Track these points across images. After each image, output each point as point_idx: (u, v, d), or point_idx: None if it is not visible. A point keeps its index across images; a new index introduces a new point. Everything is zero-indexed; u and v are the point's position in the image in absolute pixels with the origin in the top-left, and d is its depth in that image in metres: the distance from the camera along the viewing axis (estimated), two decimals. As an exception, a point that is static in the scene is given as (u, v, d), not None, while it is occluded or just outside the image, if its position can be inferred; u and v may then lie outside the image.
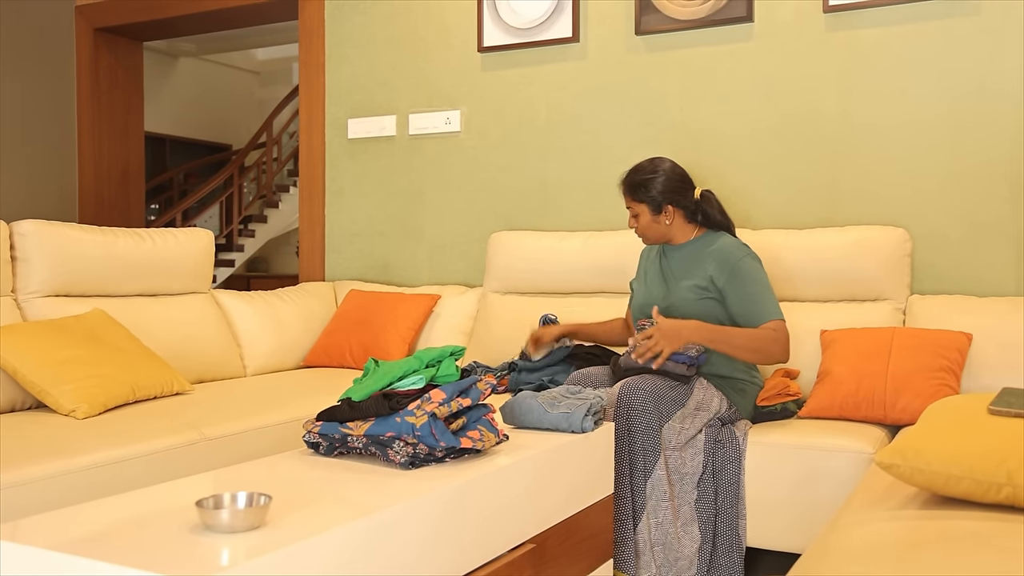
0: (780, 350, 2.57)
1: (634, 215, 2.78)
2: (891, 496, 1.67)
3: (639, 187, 2.75)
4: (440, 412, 1.76)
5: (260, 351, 3.58)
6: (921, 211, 3.17)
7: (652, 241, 2.81)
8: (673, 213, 2.75)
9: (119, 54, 5.57)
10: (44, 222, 3.01)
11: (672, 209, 2.75)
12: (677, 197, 2.75)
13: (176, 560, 1.18)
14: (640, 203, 2.75)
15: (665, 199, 2.73)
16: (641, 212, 2.76)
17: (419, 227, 4.17)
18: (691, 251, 2.76)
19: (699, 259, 2.73)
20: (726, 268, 2.65)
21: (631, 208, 2.78)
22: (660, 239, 2.79)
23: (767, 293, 2.62)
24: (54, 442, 2.18)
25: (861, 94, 3.26)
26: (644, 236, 2.80)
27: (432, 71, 4.11)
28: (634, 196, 2.76)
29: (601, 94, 3.73)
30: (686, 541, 2.47)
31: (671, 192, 2.74)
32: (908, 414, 2.59)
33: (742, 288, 2.62)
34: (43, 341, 2.64)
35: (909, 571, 1.22)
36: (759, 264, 2.67)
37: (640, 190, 2.74)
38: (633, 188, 2.76)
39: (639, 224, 2.78)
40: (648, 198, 2.74)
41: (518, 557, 1.78)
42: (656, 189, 2.73)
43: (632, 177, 2.78)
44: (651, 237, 2.79)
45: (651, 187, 2.73)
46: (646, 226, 2.77)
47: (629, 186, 2.78)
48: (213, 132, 10.49)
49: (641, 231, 2.79)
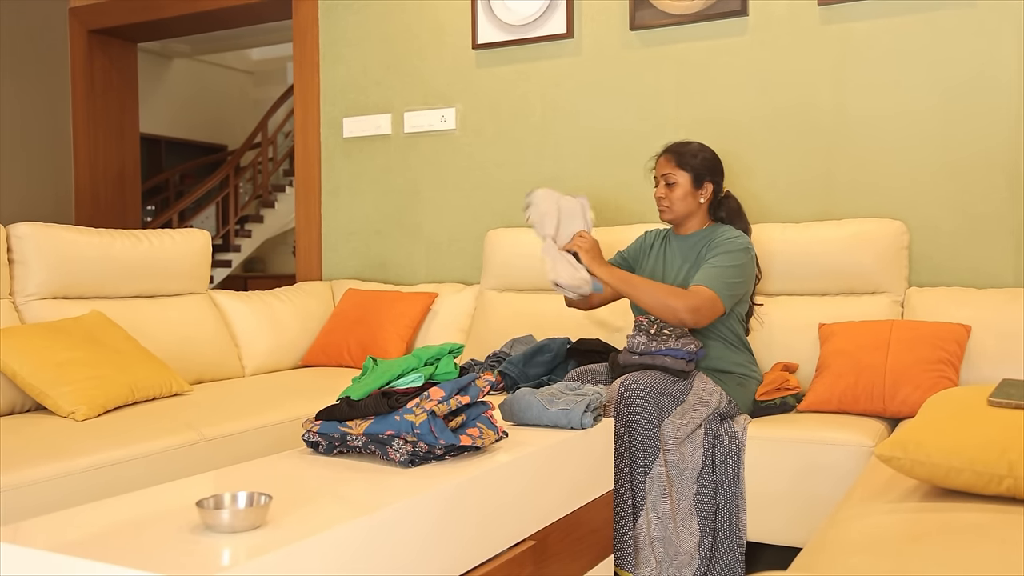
0: (683, 305, 2.53)
1: (670, 184, 2.75)
2: (891, 489, 1.67)
3: (687, 155, 2.75)
4: (439, 410, 1.76)
5: (258, 351, 3.58)
6: (918, 203, 3.17)
7: (676, 216, 2.78)
8: (709, 193, 2.77)
9: (113, 56, 5.56)
10: (41, 224, 3.00)
11: (709, 187, 2.77)
12: (717, 178, 2.79)
13: (177, 560, 1.18)
14: (684, 171, 2.74)
15: (708, 174, 2.76)
16: (682, 181, 2.74)
17: (416, 225, 4.17)
18: (695, 241, 2.78)
19: (701, 247, 2.74)
20: (715, 243, 2.68)
21: (669, 176, 2.75)
22: (685, 216, 2.78)
23: (724, 271, 2.61)
24: (54, 444, 2.18)
25: (856, 87, 3.26)
26: (671, 208, 2.77)
27: (427, 69, 4.11)
28: (680, 162, 2.74)
29: (596, 90, 3.73)
30: (685, 536, 2.47)
31: (713, 170, 2.78)
32: (907, 407, 2.59)
33: (711, 256, 2.66)
34: (41, 343, 2.64)
35: (910, 564, 1.22)
36: (744, 254, 2.67)
37: (688, 158, 2.75)
38: (680, 155, 2.75)
39: (674, 194, 2.75)
40: (693, 167, 2.74)
41: (519, 554, 1.78)
42: (702, 161, 2.75)
43: (678, 147, 2.78)
44: (678, 211, 2.77)
45: (698, 157, 2.75)
46: (681, 197, 2.75)
47: (676, 153, 2.76)
48: (208, 133, 10.47)
49: (672, 201, 2.76)
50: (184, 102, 10.07)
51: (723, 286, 2.59)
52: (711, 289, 2.57)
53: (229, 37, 8.93)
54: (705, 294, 2.57)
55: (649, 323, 2.61)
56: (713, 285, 2.58)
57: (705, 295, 2.56)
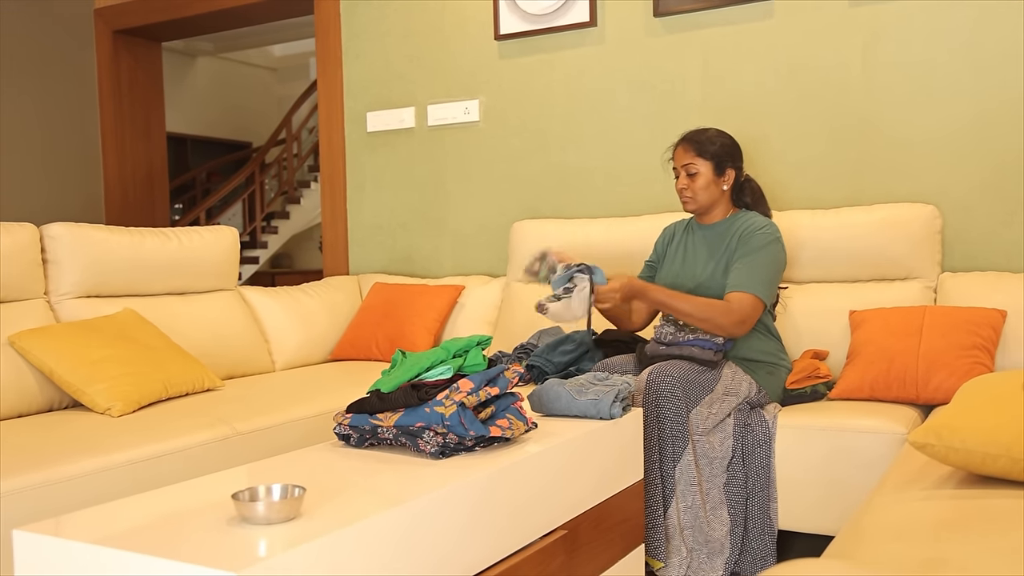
0: (730, 322, 2.51)
1: (691, 173, 2.71)
2: (925, 476, 1.66)
3: (706, 143, 2.71)
4: (469, 401, 1.76)
5: (288, 346, 3.61)
6: (951, 187, 3.13)
7: (699, 206, 2.74)
8: (731, 179, 2.74)
9: (138, 55, 5.61)
10: (73, 224, 3.04)
11: (731, 173, 2.74)
12: (738, 164, 2.75)
13: (215, 552, 1.19)
14: (705, 160, 2.70)
15: (728, 161, 2.72)
16: (703, 170, 2.70)
17: (441, 218, 4.18)
18: (721, 230, 2.75)
19: (728, 236, 2.71)
20: (743, 237, 2.65)
21: (690, 165, 2.71)
22: (708, 205, 2.74)
23: (759, 268, 2.58)
24: (92, 440, 2.21)
25: (886, 69, 3.22)
26: (694, 199, 2.73)
27: (449, 61, 4.11)
28: (700, 151, 2.70)
29: (621, 78, 3.71)
30: (716, 525, 2.47)
31: (734, 156, 2.74)
32: (941, 393, 2.57)
33: (744, 254, 2.62)
34: (77, 341, 2.67)
35: (946, 550, 1.22)
36: (775, 244, 2.64)
37: (707, 146, 2.71)
38: (699, 144, 2.71)
39: (696, 184, 2.71)
40: (714, 155, 2.70)
41: (550, 544, 1.78)
42: (722, 148, 2.71)
43: (696, 135, 2.74)
44: (702, 201, 2.73)
45: (717, 144, 2.71)
46: (704, 186, 2.71)
47: (694, 141, 2.72)
48: (233, 130, 10.54)
49: (695, 191, 2.72)
50: (209, 100, 10.14)
51: (761, 285, 2.57)
52: (751, 294, 2.55)
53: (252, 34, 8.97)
54: (748, 302, 2.54)
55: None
56: (753, 288, 2.55)
57: (748, 303, 2.54)
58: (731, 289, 2.56)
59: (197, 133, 10.07)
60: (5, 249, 2.79)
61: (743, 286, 2.55)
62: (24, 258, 2.86)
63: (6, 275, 2.79)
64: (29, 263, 2.88)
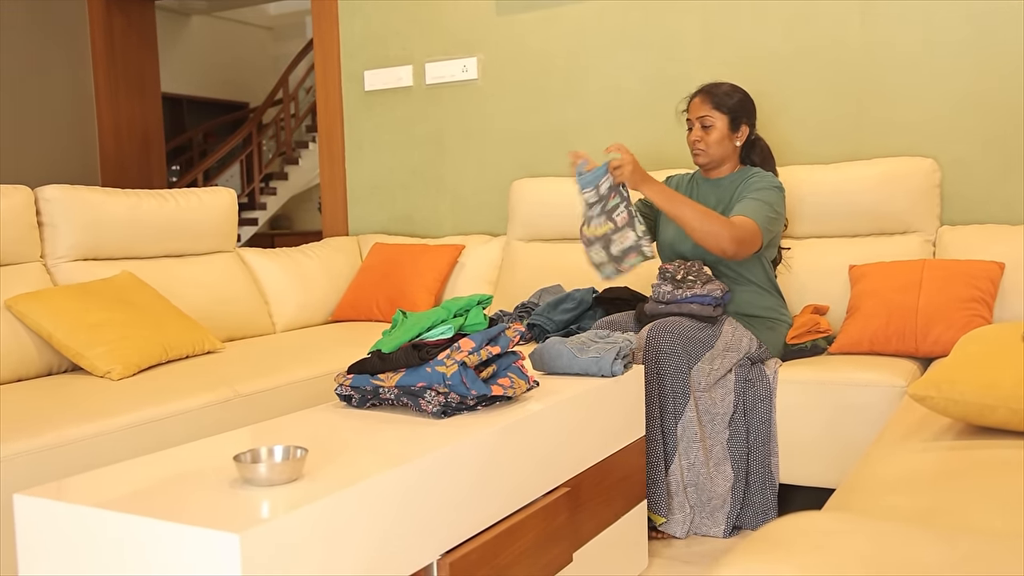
0: (729, 236, 2.46)
1: (705, 126, 2.68)
2: (925, 428, 1.67)
3: (724, 96, 2.68)
4: (470, 361, 1.76)
5: (288, 307, 3.61)
6: (949, 140, 3.11)
7: (710, 159, 2.71)
8: (744, 135, 2.72)
9: (131, 15, 5.54)
10: (69, 187, 3.02)
11: (746, 130, 2.72)
12: (752, 120, 2.74)
13: (218, 514, 1.20)
14: (721, 113, 2.67)
15: (744, 116, 2.71)
16: (718, 124, 2.68)
17: (440, 177, 4.16)
18: (726, 183, 2.73)
19: (734, 191, 2.69)
20: (746, 185, 2.64)
21: (706, 118, 2.68)
22: (719, 160, 2.72)
23: (763, 205, 2.56)
24: (92, 403, 2.22)
25: (886, 22, 3.18)
26: (706, 151, 2.70)
27: (447, 18, 4.06)
28: (717, 104, 2.68)
29: (620, 35, 3.67)
30: (719, 480, 2.48)
31: (749, 113, 2.72)
32: (940, 346, 2.57)
33: (746, 193, 2.61)
34: (75, 305, 2.67)
35: (945, 500, 1.22)
36: (777, 192, 2.63)
37: (725, 99, 2.68)
38: (717, 97, 2.68)
39: (710, 137, 2.68)
40: (730, 109, 2.68)
41: (553, 501, 1.79)
42: (739, 103, 2.69)
43: (713, 88, 2.71)
44: (714, 154, 2.70)
45: (735, 98, 2.69)
46: (717, 140, 2.68)
47: (712, 94, 2.69)
48: (229, 90, 10.46)
49: (708, 144, 2.69)
50: (204, 60, 10.05)
51: (763, 218, 2.54)
52: (752, 220, 2.52)
53: (246, -8, 8.88)
54: (749, 225, 2.50)
55: (675, 270, 2.59)
56: (754, 216, 2.53)
57: (749, 226, 2.50)
58: (735, 213, 2.55)
59: (193, 94, 9.99)
60: (0, 212, 2.77)
61: (744, 212, 2.54)
62: (20, 221, 2.84)
63: (2, 239, 2.78)
64: (25, 226, 2.86)
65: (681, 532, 2.43)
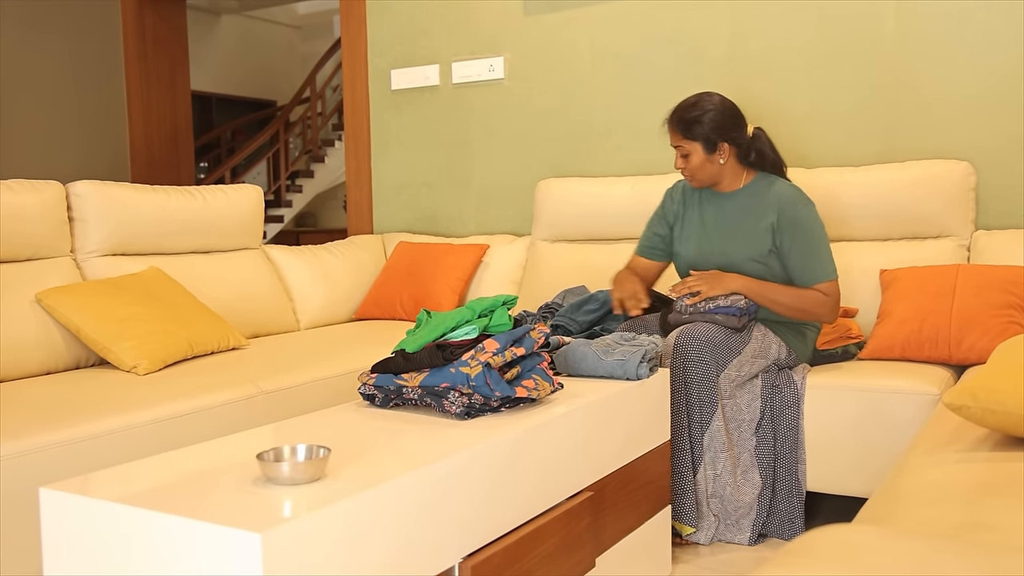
0: (826, 312, 2.51)
1: (683, 155, 2.58)
2: (960, 438, 1.63)
3: (692, 123, 2.55)
4: (494, 362, 1.74)
5: (312, 305, 3.61)
6: (986, 143, 3.05)
7: (702, 183, 2.62)
8: (728, 151, 2.57)
9: (163, 13, 5.58)
10: (99, 183, 3.03)
11: (727, 147, 2.57)
12: (732, 134, 2.56)
13: (240, 512, 1.19)
14: (692, 141, 2.56)
15: (720, 136, 2.55)
16: (693, 151, 2.56)
17: (465, 177, 4.14)
18: (742, 202, 2.61)
19: (756, 209, 2.58)
20: (783, 220, 2.52)
21: (681, 147, 2.58)
22: (711, 181, 2.62)
23: (823, 248, 2.52)
24: (118, 398, 2.22)
25: (921, 21, 3.13)
26: (693, 177, 2.61)
27: (474, 18, 4.04)
28: (686, 133, 2.56)
29: (647, 33, 3.64)
30: (746, 488, 2.44)
31: (725, 128, 2.55)
32: (975, 353, 2.52)
33: (800, 240, 2.50)
34: (103, 299, 2.68)
35: (983, 514, 1.19)
36: (814, 213, 2.54)
37: (693, 126, 2.55)
38: (685, 124, 2.56)
39: (690, 164, 2.58)
40: (701, 135, 2.55)
41: (576, 505, 1.77)
42: (710, 125, 2.54)
43: (682, 113, 2.58)
44: (702, 179, 2.61)
45: (704, 122, 2.54)
46: (698, 166, 2.58)
47: (679, 122, 2.57)
48: (258, 88, 10.52)
49: (691, 172, 2.59)
50: (233, 58, 10.11)
51: (827, 263, 2.52)
52: (832, 280, 2.52)
53: (276, -9, 8.92)
54: (835, 291, 2.52)
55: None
56: (831, 273, 2.52)
57: (836, 292, 2.52)
58: (814, 281, 2.51)
59: (222, 91, 10.05)
60: (32, 207, 2.79)
61: (823, 275, 2.51)
62: (51, 216, 2.86)
63: (33, 233, 2.79)
64: (56, 221, 2.88)
65: (706, 539, 2.39)
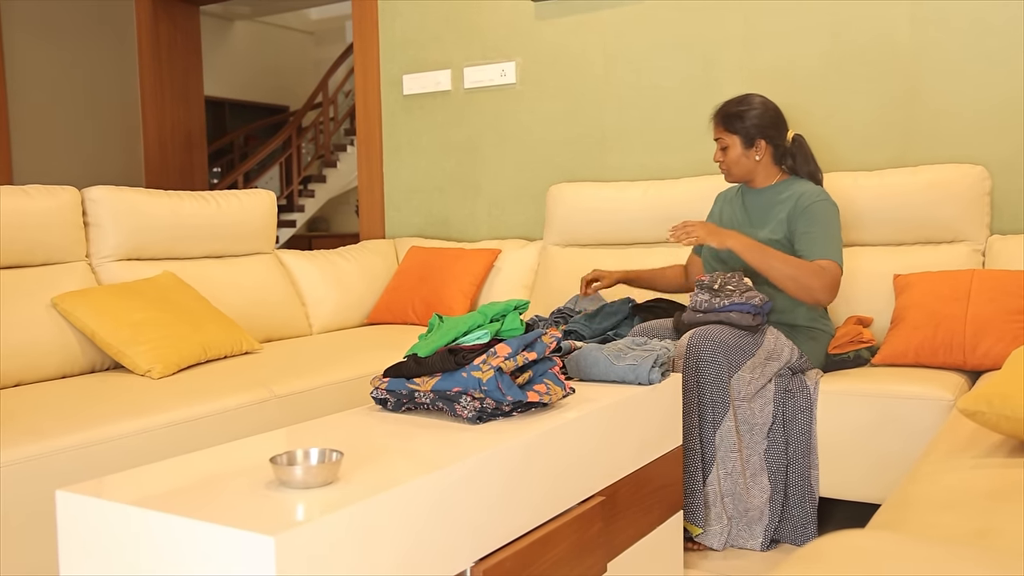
0: (820, 286, 2.48)
1: (723, 148, 2.72)
2: (975, 444, 1.62)
3: (734, 118, 2.69)
4: (506, 366, 1.75)
5: (325, 309, 3.62)
6: (1001, 147, 3.04)
7: (736, 178, 2.74)
8: (764, 149, 2.69)
9: (177, 19, 5.61)
10: (114, 188, 3.05)
11: (764, 144, 2.69)
12: (771, 132, 2.69)
13: (253, 516, 1.19)
14: (732, 134, 2.69)
15: (758, 132, 2.68)
16: (732, 144, 2.70)
17: (477, 182, 4.15)
18: (769, 196, 2.71)
19: (774, 205, 2.66)
20: (799, 208, 2.60)
21: (720, 140, 2.72)
22: (745, 176, 2.73)
23: (832, 236, 2.55)
24: (133, 401, 2.23)
25: (936, 28, 3.12)
26: (729, 171, 2.74)
27: (485, 23, 4.05)
28: (727, 126, 2.70)
29: (659, 39, 3.64)
30: (755, 491, 2.44)
31: (765, 127, 2.68)
32: (990, 359, 2.51)
33: (808, 225, 2.57)
34: (118, 304, 2.70)
35: (998, 521, 1.18)
36: (834, 210, 2.59)
37: (735, 120, 2.68)
38: (727, 118, 2.70)
39: (727, 157, 2.71)
40: (741, 129, 2.68)
41: (588, 509, 1.77)
42: (751, 121, 2.67)
43: (727, 108, 2.72)
44: (736, 173, 2.73)
45: (746, 118, 2.68)
46: (734, 160, 2.70)
47: (723, 116, 2.71)
48: (270, 94, 10.56)
49: (728, 165, 2.72)
50: (246, 64, 10.15)
51: (839, 254, 2.53)
52: (834, 261, 2.51)
53: (289, -3, 8.95)
54: (835, 270, 2.50)
55: (711, 280, 2.56)
56: (834, 256, 2.52)
57: (835, 272, 2.50)
58: (816, 257, 2.52)
59: (235, 97, 10.09)
60: (48, 212, 2.81)
61: (824, 254, 2.52)
62: (66, 221, 2.88)
63: (49, 238, 2.81)
64: (71, 226, 2.90)
65: (718, 544, 2.39)
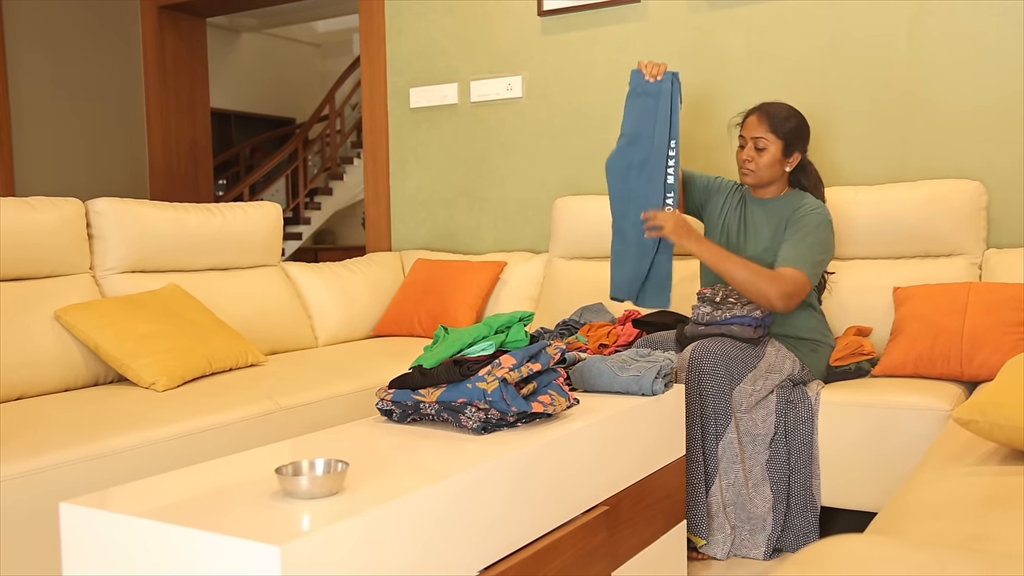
0: (776, 292, 2.43)
1: (759, 148, 2.63)
2: (969, 452, 1.64)
3: (782, 120, 2.62)
4: (511, 377, 1.77)
5: (330, 322, 3.64)
6: (998, 162, 3.06)
7: (758, 181, 2.67)
8: (796, 161, 2.67)
9: (183, 31, 5.66)
10: (118, 200, 3.07)
11: (798, 157, 2.67)
12: (804, 146, 2.68)
13: (259, 526, 1.21)
14: (777, 137, 2.62)
15: (797, 143, 2.66)
16: (772, 148, 2.62)
17: (483, 194, 4.18)
18: (775, 208, 2.69)
19: (781, 215, 2.65)
20: (795, 217, 2.60)
21: (761, 139, 2.62)
22: (766, 181, 2.68)
23: (810, 247, 2.52)
24: (137, 414, 2.25)
25: (933, 41, 3.15)
26: (755, 172, 2.65)
27: (492, 37, 4.09)
28: (774, 127, 2.62)
29: (664, 55, 3.67)
30: (758, 501, 2.46)
31: (802, 139, 2.67)
32: (986, 370, 2.53)
33: (792, 232, 2.57)
34: (122, 316, 2.72)
35: (989, 526, 1.20)
36: (825, 223, 2.59)
37: (783, 123, 2.62)
38: (775, 119, 2.62)
39: (762, 158, 2.63)
40: (786, 134, 2.62)
41: (592, 519, 1.79)
42: (799, 131, 2.64)
43: (775, 110, 2.64)
44: (763, 176, 2.66)
45: (793, 124, 2.63)
46: (769, 163, 2.63)
47: (771, 115, 2.63)
48: (277, 106, 10.60)
49: (759, 166, 2.64)
50: (253, 76, 10.20)
51: (810, 264, 2.50)
52: (800, 271, 2.47)
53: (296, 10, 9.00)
54: (797, 278, 2.46)
55: (713, 293, 2.58)
56: (802, 266, 2.48)
57: (797, 279, 2.46)
58: (781, 263, 2.51)
59: (241, 109, 10.14)
60: (52, 224, 2.84)
61: (793, 262, 2.49)
62: (70, 233, 2.90)
63: (53, 250, 2.84)
64: (75, 238, 2.92)
65: (722, 554, 2.40)
